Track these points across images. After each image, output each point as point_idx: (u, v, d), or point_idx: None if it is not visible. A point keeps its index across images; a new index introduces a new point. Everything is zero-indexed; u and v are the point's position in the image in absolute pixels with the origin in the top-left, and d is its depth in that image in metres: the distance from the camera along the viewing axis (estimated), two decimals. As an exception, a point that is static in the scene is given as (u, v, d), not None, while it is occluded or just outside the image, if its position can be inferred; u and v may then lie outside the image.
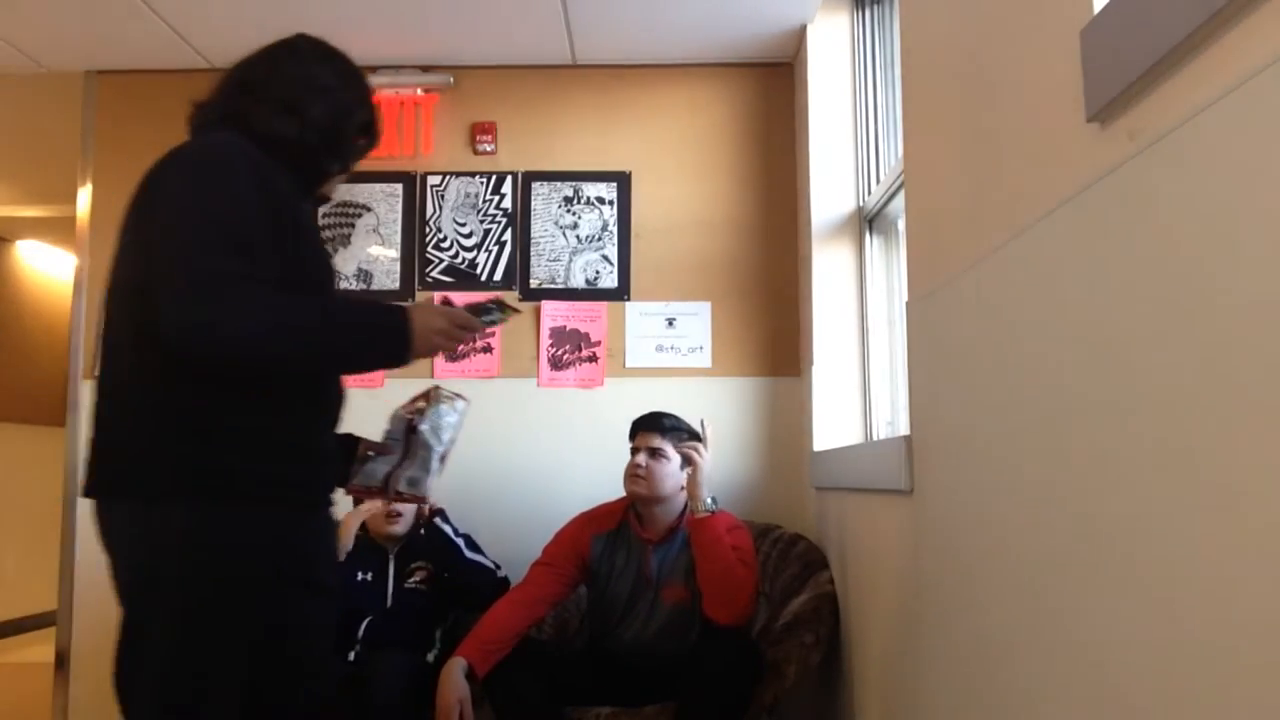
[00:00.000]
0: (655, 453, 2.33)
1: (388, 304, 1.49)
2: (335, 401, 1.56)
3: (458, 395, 1.76)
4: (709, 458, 2.29)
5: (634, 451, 2.36)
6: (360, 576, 2.53)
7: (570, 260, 3.04)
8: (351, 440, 1.70)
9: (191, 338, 1.32)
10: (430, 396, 1.74)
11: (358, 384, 2.48)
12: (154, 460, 1.39)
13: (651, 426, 2.36)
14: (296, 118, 1.54)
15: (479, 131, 3.08)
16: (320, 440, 1.53)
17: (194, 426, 1.38)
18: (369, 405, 1.88)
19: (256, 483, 1.40)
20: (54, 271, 5.49)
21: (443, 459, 1.72)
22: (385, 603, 2.52)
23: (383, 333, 1.46)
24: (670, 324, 3.01)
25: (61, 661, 2.93)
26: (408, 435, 1.71)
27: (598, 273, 3.04)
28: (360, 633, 2.45)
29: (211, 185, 1.41)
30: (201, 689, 1.36)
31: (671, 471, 2.32)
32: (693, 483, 2.27)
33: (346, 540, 2.52)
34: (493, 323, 1.63)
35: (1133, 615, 0.92)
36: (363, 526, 2.59)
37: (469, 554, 2.59)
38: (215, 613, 1.36)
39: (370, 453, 1.71)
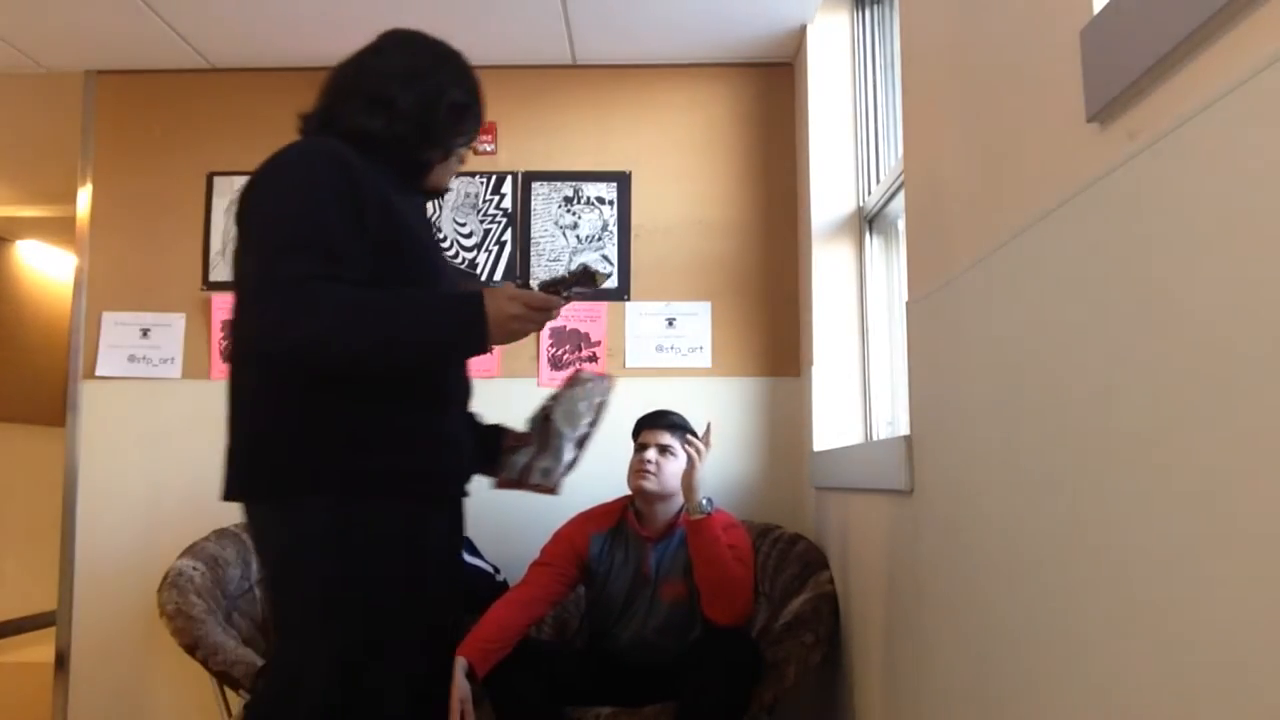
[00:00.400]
0: (664, 449, 2.34)
1: (465, 293, 1.46)
2: (457, 390, 1.57)
3: (599, 376, 1.70)
4: (707, 459, 2.30)
5: (641, 448, 2.37)
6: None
7: (570, 260, 3.04)
8: (498, 431, 1.70)
9: (264, 342, 1.37)
10: (571, 380, 1.70)
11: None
12: (283, 462, 1.43)
13: (660, 423, 2.38)
14: (384, 110, 1.54)
15: (479, 131, 3.08)
16: (444, 430, 1.54)
17: (318, 426, 1.42)
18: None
19: (384, 477, 1.43)
20: (54, 271, 5.49)
21: (579, 444, 1.67)
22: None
23: (457, 325, 1.44)
24: (670, 324, 3.01)
25: (61, 661, 2.93)
26: (544, 423, 1.67)
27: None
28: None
29: (285, 190, 1.44)
30: (334, 680, 1.40)
31: (679, 468, 2.33)
32: (688, 484, 2.27)
33: None
34: (580, 295, 1.55)
35: (1133, 613, 0.92)
36: None
37: (467, 558, 2.58)
38: (349, 607, 1.40)
39: (514, 444, 1.69)
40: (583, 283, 1.50)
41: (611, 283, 3.03)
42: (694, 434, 2.37)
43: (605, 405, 1.71)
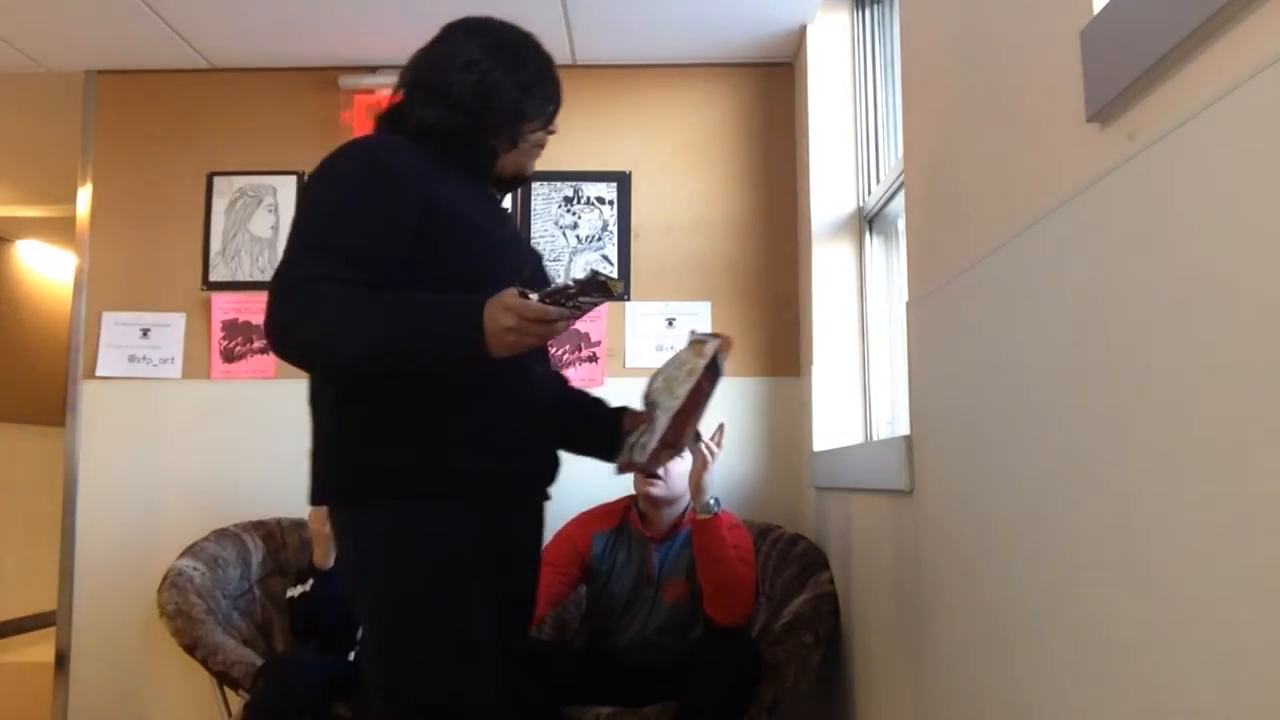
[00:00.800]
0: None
1: (467, 301, 1.34)
2: (527, 391, 1.52)
3: (708, 336, 1.53)
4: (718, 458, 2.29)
5: None
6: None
7: (570, 260, 3.04)
8: (620, 415, 1.66)
9: (276, 345, 1.37)
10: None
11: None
12: (350, 465, 1.44)
13: None
14: (441, 101, 1.50)
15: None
16: (511, 431, 1.49)
17: (382, 428, 1.42)
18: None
19: (445, 479, 1.42)
20: (54, 271, 5.49)
21: (681, 415, 1.50)
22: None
23: (454, 335, 1.34)
24: (670, 324, 3.01)
25: (61, 661, 2.93)
26: (649, 397, 1.56)
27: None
28: (360, 634, 2.45)
29: (318, 191, 1.43)
30: (409, 677, 1.40)
31: (684, 471, 2.32)
32: (697, 483, 2.26)
33: (320, 555, 2.51)
34: (591, 305, 1.35)
35: (1134, 613, 0.92)
36: None
37: None
38: (413, 605, 1.40)
39: (632, 425, 1.60)
40: (590, 292, 1.32)
41: (611, 283, 3.02)
42: (699, 435, 2.36)
43: (716, 370, 1.52)
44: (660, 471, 2.31)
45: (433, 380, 1.42)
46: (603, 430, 1.67)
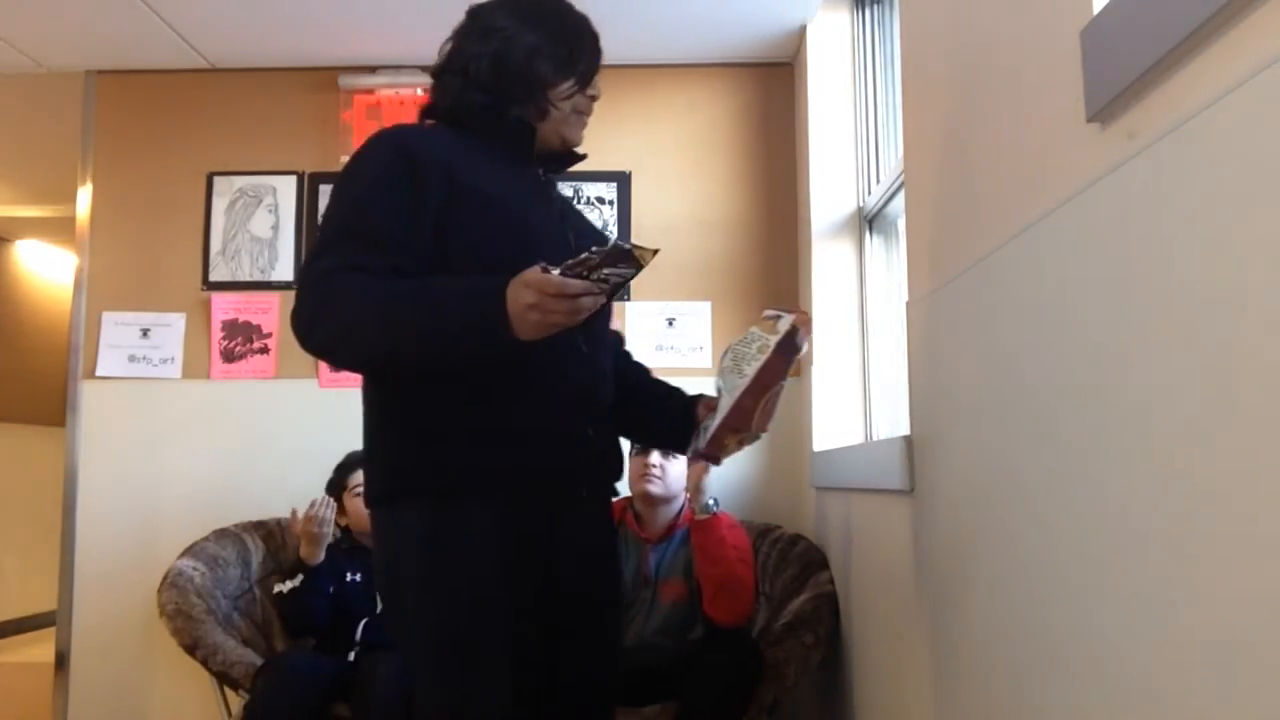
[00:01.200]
0: (667, 451, 2.32)
1: (489, 283, 1.28)
2: (564, 381, 1.44)
3: (782, 312, 1.44)
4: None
5: (644, 451, 2.35)
6: (350, 578, 2.52)
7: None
8: (694, 402, 1.60)
9: (300, 340, 1.35)
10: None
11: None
12: (384, 465, 1.42)
13: None
14: (460, 80, 1.46)
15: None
16: (540, 424, 1.42)
17: (404, 428, 1.40)
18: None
19: (478, 475, 1.37)
20: (54, 271, 5.49)
21: (750, 395, 1.40)
22: (377, 604, 2.51)
23: (475, 319, 1.28)
24: (670, 324, 3.01)
25: (61, 661, 2.93)
26: (719, 377, 1.47)
27: (598, 273, 3.03)
28: (358, 634, 2.45)
29: (342, 185, 1.42)
30: (426, 680, 1.38)
31: (682, 470, 2.32)
32: (698, 484, 2.26)
33: (309, 551, 2.51)
34: (620, 278, 1.24)
35: (1134, 615, 0.92)
36: (346, 528, 2.61)
37: None
38: (435, 610, 1.36)
39: (705, 412, 1.52)
40: (616, 262, 1.22)
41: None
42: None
43: (792, 347, 1.41)
44: (658, 471, 2.30)
45: (465, 370, 1.36)
46: (671, 419, 1.60)
